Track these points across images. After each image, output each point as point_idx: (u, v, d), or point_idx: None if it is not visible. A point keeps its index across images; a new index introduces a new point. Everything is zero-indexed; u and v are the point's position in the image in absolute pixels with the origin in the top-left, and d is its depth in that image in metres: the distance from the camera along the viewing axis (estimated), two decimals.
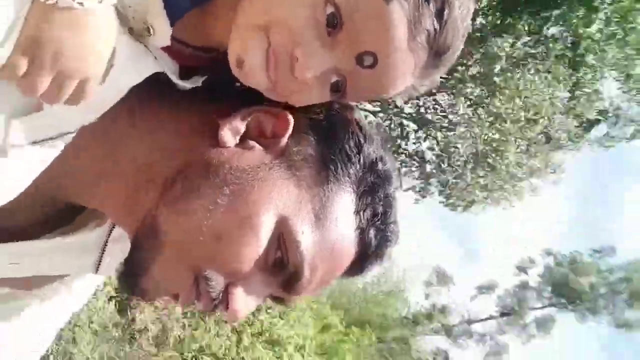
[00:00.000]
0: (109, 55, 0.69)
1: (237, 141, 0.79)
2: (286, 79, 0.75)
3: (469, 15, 0.79)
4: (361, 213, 0.79)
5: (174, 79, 0.79)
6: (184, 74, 0.82)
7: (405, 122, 8.24)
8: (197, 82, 0.82)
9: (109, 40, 0.69)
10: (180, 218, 0.74)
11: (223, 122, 0.78)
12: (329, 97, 0.79)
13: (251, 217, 0.74)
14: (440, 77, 0.88)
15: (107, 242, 0.86)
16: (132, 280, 0.76)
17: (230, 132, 0.78)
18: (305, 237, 0.75)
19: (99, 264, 0.86)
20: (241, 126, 0.79)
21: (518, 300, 17.16)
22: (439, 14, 0.74)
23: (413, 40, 0.74)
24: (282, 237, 0.75)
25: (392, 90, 0.79)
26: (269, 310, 7.07)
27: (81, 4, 0.64)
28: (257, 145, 0.79)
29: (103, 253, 0.86)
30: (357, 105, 0.87)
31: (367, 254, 0.81)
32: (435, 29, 0.75)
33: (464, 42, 0.81)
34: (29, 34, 0.64)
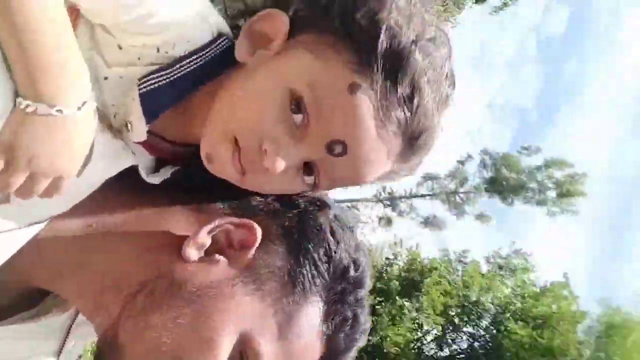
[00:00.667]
0: (85, 156, 0.71)
1: (202, 254, 0.78)
2: (258, 172, 0.76)
3: (442, 84, 0.77)
4: (329, 321, 0.79)
5: (144, 175, 0.80)
6: (159, 166, 0.84)
7: None
8: (166, 174, 0.82)
9: (86, 142, 0.71)
10: (140, 334, 0.74)
11: (189, 237, 0.77)
12: (303, 186, 0.79)
13: (211, 338, 0.73)
14: None
15: (70, 327, 0.85)
16: None
17: (195, 247, 0.77)
18: (268, 350, 0.75)
19: (61, 350, 0.85)
20: (206, 240, 0.78)
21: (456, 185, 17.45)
22: (408, 101, 0.74)
23: (383, 128, 0.74)
24: (245, 352, 0.74)
25: (367, 177, 0.79)
26: None
27: (60, 111, 0.66)
28: (222, 259, 0.78)
29: (66, 339, 0.84)
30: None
31: (334, 356, 0.80)
32: (405, 116, 0.74)
33: (443, 113, 0.79)
34: (6, 138, 0.66)
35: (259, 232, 0.78)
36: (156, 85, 0.76)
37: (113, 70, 0.75)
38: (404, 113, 0.74)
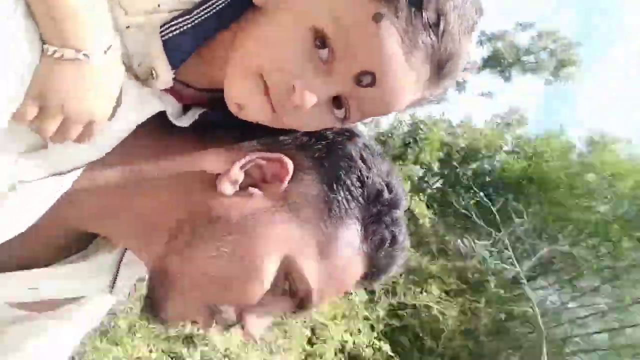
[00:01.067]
0: (115, 99, 0.72)
1: (237, 189, 0.80)
2: (290, 111, 0.77)
3: (468, 10, 0.77)
4: (368, 241, 0.82)
5: (173, 119, 0.81)
6: (186, 110, 0.84)
7: None
8: (194, 116, 0.84)
9: (115, 85, 0.72)
10: (187, 265, 0.78)
11: (221, 175, 0.79)
12: (334, 121, 0.80)
13: (254, 263, 0.77)
14: None
15: (119, 265, 0.89)
16: (153, 314, 0.81)
17: (229, 182, 0.79)
18: (311, 271, 0.79)
19: (113, 286, 0.89)
20: (239, 176, 0.80)
21: None
22: (434, 26, 0.74)
23: (410, 55, 0.74)
24: (290, 273, 0.79)
25: (397, 106, 0.79)
26: None
27: (86, 55, 0.68)
28: (257, 192, 0.80)
29: (117, 276, 0.89)
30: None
31: (375, 274, 0.85)
32: (432, 42, 0.74)
33: (470, 39, 0.79)
34: (38, 84, 0.68)
35: (290, 164, 0.80)
36: (178, 31, 0.75)
37: (134, 19, 0.74)
38: (430, 39, 0.73)
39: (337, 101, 0.78)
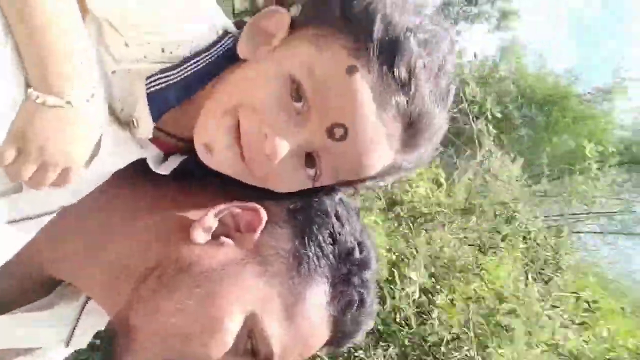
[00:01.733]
0: (93, 146, 0.73)
1: (209, 238, 0.80)
2: (259, 160, 0.77)
3: (440, 76, 0.79)
4: (335, 302, 0.81)
5: (153, 166, 0.82)
6: (167, 156, 0.86)
7: None
8: (174, 163, 0.85)
9: (95, 133, 0.73)
10: (150, 317, 0.76)
11: (195, 222, 0.80)
12: (306, 177, 0.80)
13: (219, 318, 0.75)
14: None
15: (80, 315, 0.87)
16: None
17: (202, 231, 0.79)
18: (275, 331, 0.78)
19: (71, 338, 0.87)
20: (213, 223, 0.80)
21: None
22: (405, 86, 0.75)
23: (382, 111, 0.75)
24: (252, 331, 0.77)
25: (370, 164, 0.79)
26: None
27: (69, 103, 0.69)
28: (228, 241, 0.80)
29: (75, 327, 0.87)
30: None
31: (342, 338, 0.83)
32: (402, 101, 0.76)
33: (444, 106, 0.81)
34: (18, 128, 0.68)
35: (264, 214, 0.81)
36: (163, 85, 0.78)
37: (121, 65, 0.77)
38: (401, 98, 0.75)
39: (309, 160, 0.79)
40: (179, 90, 0.79)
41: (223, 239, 0.80)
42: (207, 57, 0.80)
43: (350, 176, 0.82)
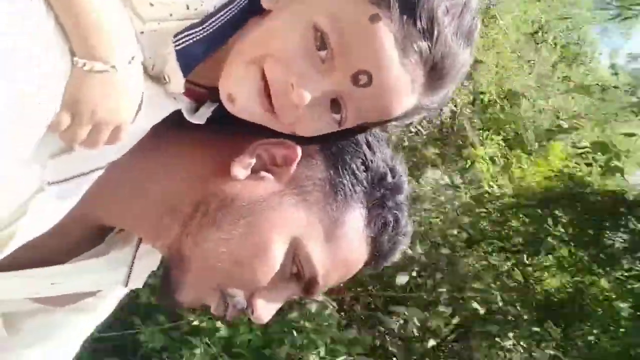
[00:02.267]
0: (138, 103, 0.78)
1: (249, 173, 0.85)
2: (287, 107, 0.80)
3: (464, 17, 0.81)
4: (372, 224, 0.87)
5: (188, 117, 0.86)
6: (200, 106, 0.90)
7: None
8: (207, 112, 0.89)
9: (138, 92, 0.77)
10: (200, 247, 0.83)
11: (235, 159, 0.84)
12: (332, 121, 0.83)
13: (264, 244, 0.82)
14: None
15: (134, 258, 0.94)
16: (168, 297, 0.86)
17: (241, 167, 0.85)
18: (317, 253, 0.84)
19: (128, 279, 0.94)
20: (251, 160, 0.85)
21: None
22: (427, 32, 0.77)
23: (405, 57, 0.77)
24: (297, 255, 0.84)
25: (394, 108, 0.82)
26: None
27: (114, 67, 0.73)
28: (268, 175, 0.86)
29: (131, 269, 0.94)
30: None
31: (380, 257, 0.90)
32: (425, 47, 0.78)
33: (468, 45, 0.83)
34: (70, 95, 0.72)
35: (298, 148, 0.85)
36: (190, 41, 0.80)
37: (147, 26, 0.79)
38: (424, 43, 0.77)
39: (334, 105, 0.81)
40: (206, 45, 0.82)
41: (262, 173, 0.86)
42: (230, 10, 0.82)
43: (375, 119, 0.85)
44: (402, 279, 3.64)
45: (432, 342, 3.81)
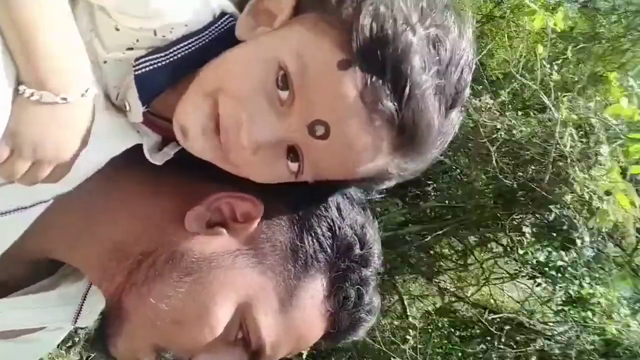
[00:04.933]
0: (86, 139, 0.71)
1: (204, 226, 0.79)
2: (235, 148, 0.73)
3: (452, 70, 0.71)
4: (332, 298, 0.80)
5: (148, 155, 0.80)
6: (166, 144, 0.84)
7: None
8: (169, 153, 0.83)
9: (87, 126, 0.71)
10: (142, 301, 0.77)
11: (190, 210, 0.79)
12: (287, 171, 0.75)
13: (209, 306, 0.76)
14: None
15: (86, 294, 0.88)
16: (102, 348, 0.80)
17: (196, 219, 0.79)
18: (267, 322, 0.77)
19: (78, 316, 0.89)
20: (208, 213, 0.80)
21: None
22: (397, 92, 0.68)
23: (369, 115, 0.68)
24: (245, 321, 0.77)
25: (355, 168, 0.73)
26: None
27: (65, 99, 0.66)
28: (224, 231, 0.79)
29: (82, 305, 0.88)
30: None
31: (338, 333, 0.82)
32: (394, 108, 0.68)
33: (449, 110, 0.73)
34: (12, 126, 0.66)
35: (260, 205, 0.79)
36: (151, 67, 0.75)
37: (112, 55, 0.74)
38: (392, 103, 0.68)
39: (292, 153, 0.74)
40: (169, 74, 0.76)
41: (218, 228, 0.79)
42: (200, 39, 0.76)
43: (336, 177, 0.76)
44: None
45: None
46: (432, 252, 5.14)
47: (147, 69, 0.75)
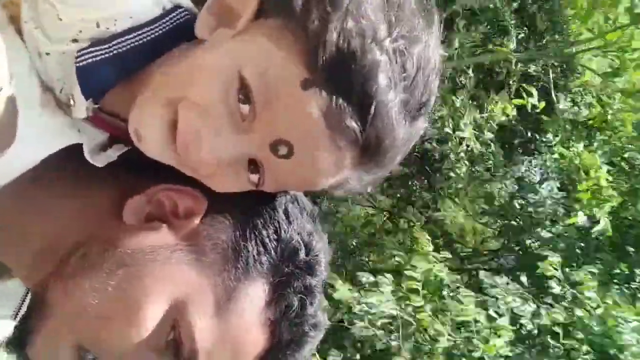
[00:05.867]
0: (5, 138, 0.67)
1: (142, 220, 0.75)
2: (194, 160, 0.70)
3: (418, 82, 0.69)
4: (273, 304, 0.75)
5: (88, 156, 0.76)
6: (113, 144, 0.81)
7: None
8: (112, 155, 0.79)
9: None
10: (68, 294, 0.71)
11: (129, 201, 0.75)
12: (247, 182, 0.73)
13: (138, 301, 0.70)
14: None
15: (28, 291, 0.84)
16: (19, 348, 0.74)
17: (133, 211, 0.75)
18: (202, 324, 0.72)
19: (18, 311, 0.85)
20: (147, 205, 0.76)
21: None
22: (362, 111, 0.66)
23: (333, 135, 0.66)
24: (177, 322, 0.71)
25: (316, 184, 0.72)
26: None
27: None
28: (163, 226, 0.75)
29: (24, 301, 0.85)
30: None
31: (280, 346, 0.76)
32: (358, 128, 0.66)
33: (414, 121, 0.71)
34: None
35: (204, 200, 0.75)
36: (93, 59, 0.72)
37: (55, 46, 0.72)
38: (357, 123, 0.66)
39: (252, 165, 0.71)
40: (115, 67, 0.73)
41: (157, 222, 0.75)
42: (148, 33, 0.73)
43: (294, 189, 0.76)
44: None
45: None
46: None
47: (88, 60, 0.72)
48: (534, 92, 4.33)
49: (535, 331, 3.61)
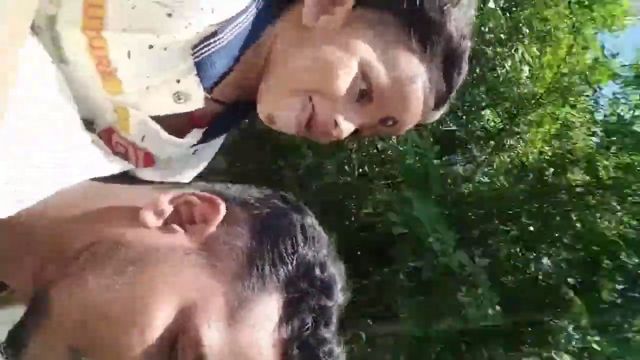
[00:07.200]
0: None
1: (160, 224, 0.73)
2: (320, 134, 0.89)
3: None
4: (286, 321, 0.70)
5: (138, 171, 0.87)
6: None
7: None
8: (190, 142, 0.92)
9: None
10: (72, 291, 0.66)
11: (147, 203, 0.73)
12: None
13: (147, 300, 0.65)
14: None
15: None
16: (13, 354, 0.67)
17: (152, 213, 0.72)
18: (211, 332, 0.66)
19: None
20: (166, 208, 0.73)
21: None
22: (455, 86, 0.92)
23: (427, 102, 0.90)
24: (186, 327, 0.66)
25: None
26: None
27: None
28: (180, 230, 0.73)
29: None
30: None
31: None
32: (444, 90, 0.91)
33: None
34: None
35: (222, 207, 0.74)
36: (209, 52, 0.79)
37: (160, 39, 0.76)
38: (444, 88, 0.91)
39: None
40: (227, 55, 0.81)
41: (175, 226, 0.73)
42: (246, 18, 0.81)
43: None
44: None
45: None
46: None
47: (206, 54, 0.79)
48: None
49: None
